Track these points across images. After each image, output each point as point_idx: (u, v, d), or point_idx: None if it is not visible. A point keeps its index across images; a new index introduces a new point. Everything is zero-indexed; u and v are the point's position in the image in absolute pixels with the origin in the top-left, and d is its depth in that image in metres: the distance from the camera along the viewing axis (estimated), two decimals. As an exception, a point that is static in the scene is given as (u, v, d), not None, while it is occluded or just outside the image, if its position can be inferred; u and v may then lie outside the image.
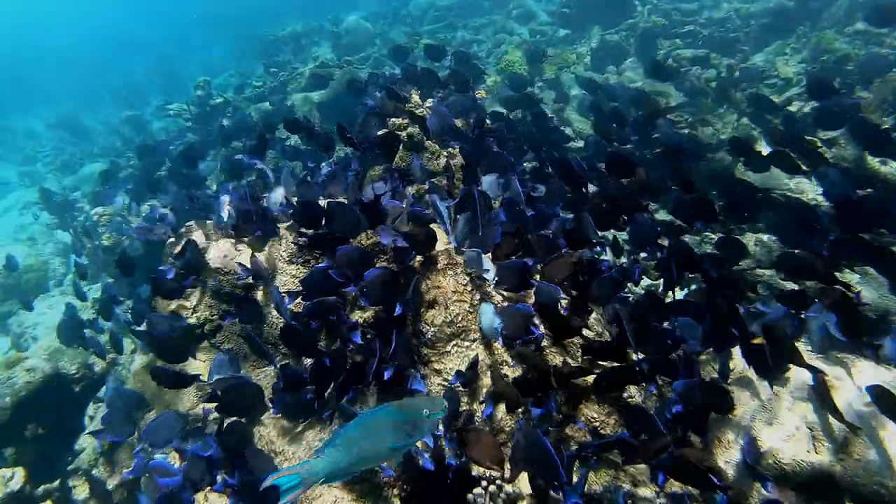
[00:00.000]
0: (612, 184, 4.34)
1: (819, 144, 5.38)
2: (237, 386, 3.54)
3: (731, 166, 6.71)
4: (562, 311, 3.56)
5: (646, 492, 3.20)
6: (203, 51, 23.97)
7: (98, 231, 7.03)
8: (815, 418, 3.16)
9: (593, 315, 3.83)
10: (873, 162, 6.17)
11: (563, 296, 3.57)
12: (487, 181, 4.42)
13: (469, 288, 3.67)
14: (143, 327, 4.06)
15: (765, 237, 5.42)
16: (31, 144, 16.33)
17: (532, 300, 3.63)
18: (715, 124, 7.99)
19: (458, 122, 5.15)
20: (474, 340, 3.59)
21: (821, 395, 3.14)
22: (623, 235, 4.44)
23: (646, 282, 5.18)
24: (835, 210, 4.24)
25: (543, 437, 2.70)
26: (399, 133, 4.78)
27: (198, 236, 4.33)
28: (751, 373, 3.51)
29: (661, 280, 4.08)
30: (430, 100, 5.16)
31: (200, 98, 10.47)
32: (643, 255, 4.39)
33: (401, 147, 4.70)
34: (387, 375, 3.39)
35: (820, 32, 9.09)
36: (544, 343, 3.55)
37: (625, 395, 3.49)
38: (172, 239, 4.29)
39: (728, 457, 3.25)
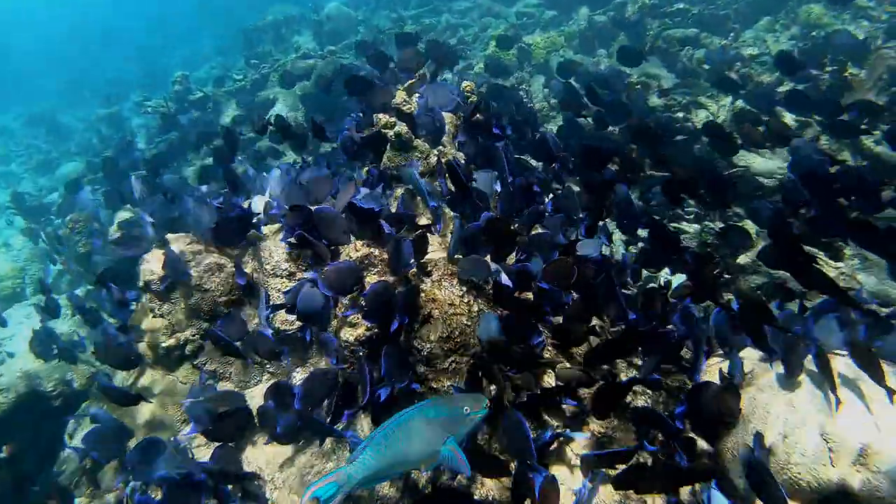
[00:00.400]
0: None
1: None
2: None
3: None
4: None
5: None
6: (186, 42, 23.38)
7: (72, 238, 6.74)
8: (832, 429, 2.99)
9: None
10: (868, 142, 6.02)
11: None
12: (483, 178, 4.20)
13: (466, 300, 3.46)
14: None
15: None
16: (4, 143, 15.86)
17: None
18: (709, 107, 7.80)
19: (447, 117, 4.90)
20: (474, 355, 3.39)
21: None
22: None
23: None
24: (804, 184, 4.13)
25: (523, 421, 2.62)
26: (386, 132, 4.53)
27: (179, 247, 4.07)
28: (764, 377, 3.37)
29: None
30: (416, 95, 4.90)
31: (178, 94, 10.12)
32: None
33: (388, 147, 4.46)
34: (383, 396, 3.20)
35: (807, 6, 8.88)
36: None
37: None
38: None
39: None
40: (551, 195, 4.33)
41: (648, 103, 7.34)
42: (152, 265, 3.89)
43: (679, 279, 4.36)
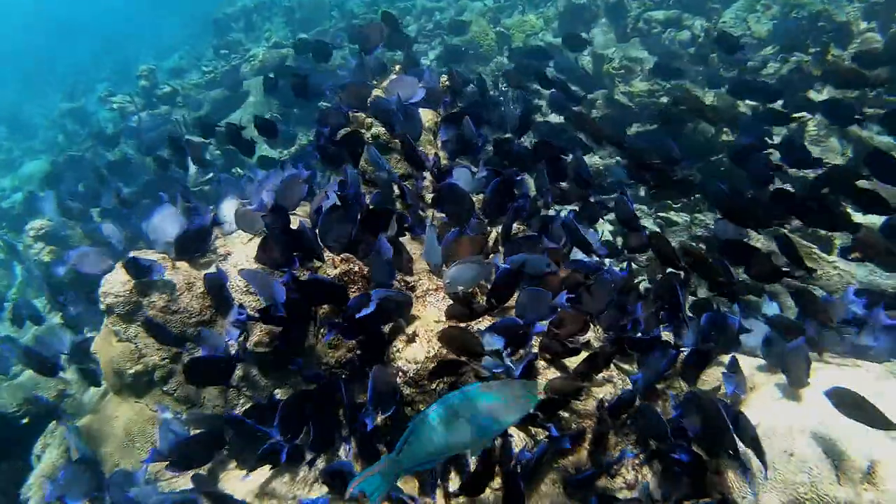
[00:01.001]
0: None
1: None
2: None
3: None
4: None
5: None
6: (154, 30, 22.56)
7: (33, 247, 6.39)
8: (840, 446, 2.84)
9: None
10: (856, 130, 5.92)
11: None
12: (463, 175, 3.99)
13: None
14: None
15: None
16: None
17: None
18: (695, 91, 7.63)
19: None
20: (462, 374, 3.19)
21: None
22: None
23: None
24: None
25: None
26: (362, 132, 4.28)
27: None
28: (766, 388, 3.23)
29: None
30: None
31: (145, 89, 9.69)
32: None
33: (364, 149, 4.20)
34: (369, 426, 3.00)
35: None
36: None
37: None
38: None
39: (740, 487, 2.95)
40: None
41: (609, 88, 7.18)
42: (115, 286, 3.62)
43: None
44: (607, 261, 4.04)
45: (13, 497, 4.78)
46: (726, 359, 3.29)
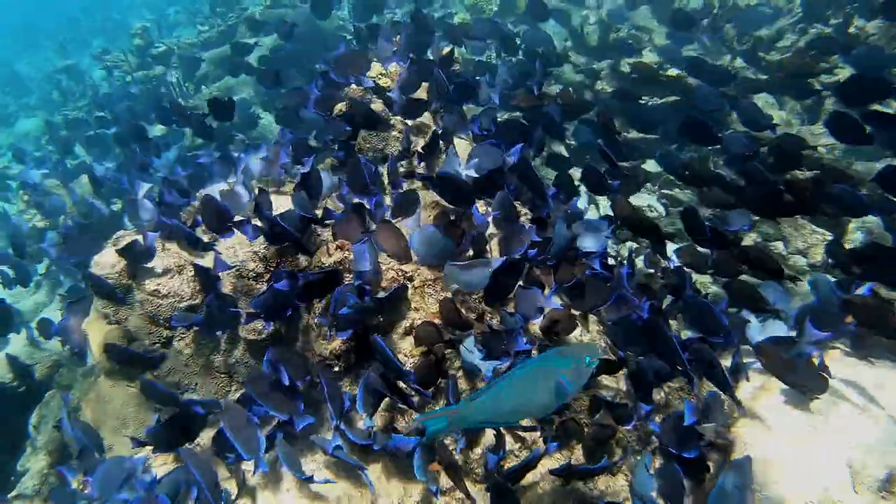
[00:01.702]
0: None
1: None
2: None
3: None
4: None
5: None
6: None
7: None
8: (854, 453, 2.77)
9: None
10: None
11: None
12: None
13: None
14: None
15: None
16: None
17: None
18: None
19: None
20: (459, 368, 3.11)
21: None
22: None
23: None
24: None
25: None
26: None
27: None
28: (775, 394, 3.15)
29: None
30: (393, 64, 4.43)
31: (140, 48, 9.38)
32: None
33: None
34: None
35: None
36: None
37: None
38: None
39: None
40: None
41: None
42: (104, 267, 3.50)
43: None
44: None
45: (10, 468, 4.79)
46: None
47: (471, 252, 3.34)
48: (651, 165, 6.27)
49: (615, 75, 7.18)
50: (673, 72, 6.51)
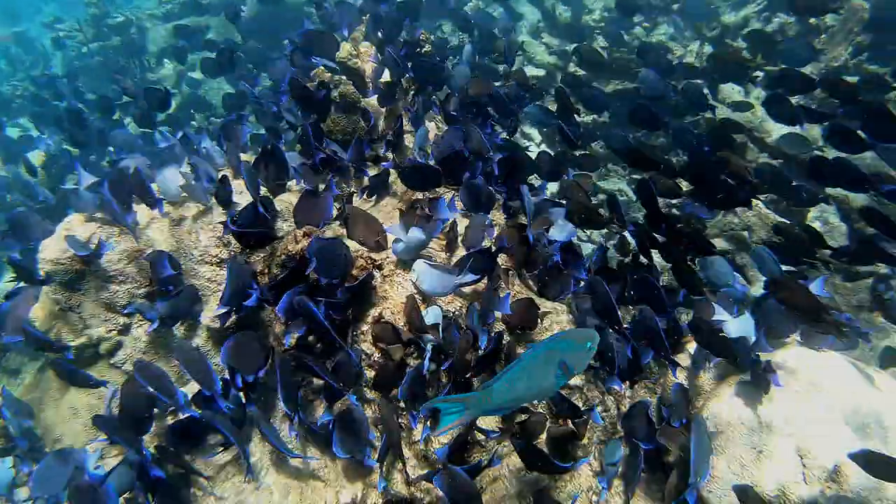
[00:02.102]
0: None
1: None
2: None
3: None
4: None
5: None
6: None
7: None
8: (807, 444, 2.83)
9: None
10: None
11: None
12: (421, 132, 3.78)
13: (422, 298, 3.09)
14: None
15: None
16: None
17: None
18: (675, 52, 7.41)
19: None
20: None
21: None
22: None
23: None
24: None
25: None
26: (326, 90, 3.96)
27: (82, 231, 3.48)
28: (735, 384, 3.19)
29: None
30: (365, 44, 4.29)
31: (95, 17, 8.93)
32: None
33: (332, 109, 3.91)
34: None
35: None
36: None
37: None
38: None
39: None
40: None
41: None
42: (54, 252, 3.33)
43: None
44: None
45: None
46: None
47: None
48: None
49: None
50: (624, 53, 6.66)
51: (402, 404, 2.93)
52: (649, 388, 3.44)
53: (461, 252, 3.29)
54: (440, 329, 2.92)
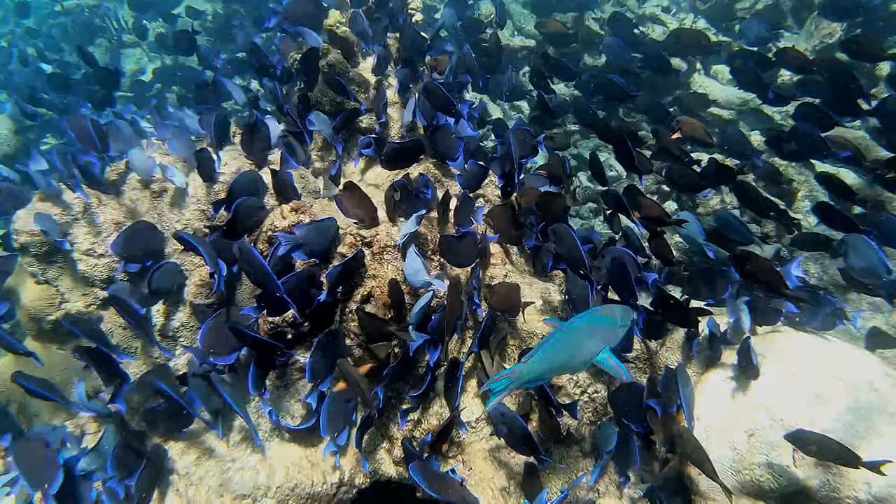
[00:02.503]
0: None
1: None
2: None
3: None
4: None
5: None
6: None
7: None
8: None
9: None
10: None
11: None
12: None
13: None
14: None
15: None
16: None
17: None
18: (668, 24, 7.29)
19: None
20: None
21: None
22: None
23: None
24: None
25: None
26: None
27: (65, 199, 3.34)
28: (727, 368, 3.20)
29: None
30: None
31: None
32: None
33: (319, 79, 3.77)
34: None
35: None
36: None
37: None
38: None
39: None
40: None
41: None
42: (27, 222, 3.19)
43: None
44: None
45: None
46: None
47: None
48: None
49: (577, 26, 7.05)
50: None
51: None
52: (639, 369, 3.44)
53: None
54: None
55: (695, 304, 3.44)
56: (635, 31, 5.68)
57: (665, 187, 5.08)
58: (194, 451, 3.01)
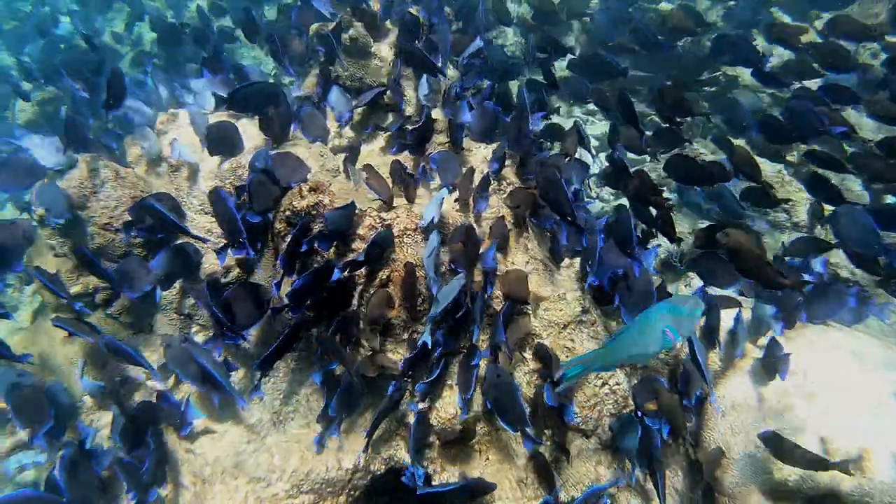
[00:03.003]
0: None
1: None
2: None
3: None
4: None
5: None
6: None
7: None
8: (830, 431, 2.74)
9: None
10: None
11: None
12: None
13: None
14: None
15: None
16: None
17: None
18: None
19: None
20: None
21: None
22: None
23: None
24: None
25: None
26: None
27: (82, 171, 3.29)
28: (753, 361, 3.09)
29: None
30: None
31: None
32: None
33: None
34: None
35: None
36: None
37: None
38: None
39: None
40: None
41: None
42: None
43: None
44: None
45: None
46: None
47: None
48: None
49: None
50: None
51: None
52: (661, 360, 3.34)
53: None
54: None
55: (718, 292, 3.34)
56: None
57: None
58: (208, 430, 3.00)
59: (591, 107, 6.04)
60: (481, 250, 2.95)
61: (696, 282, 4.07)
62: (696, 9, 4.97)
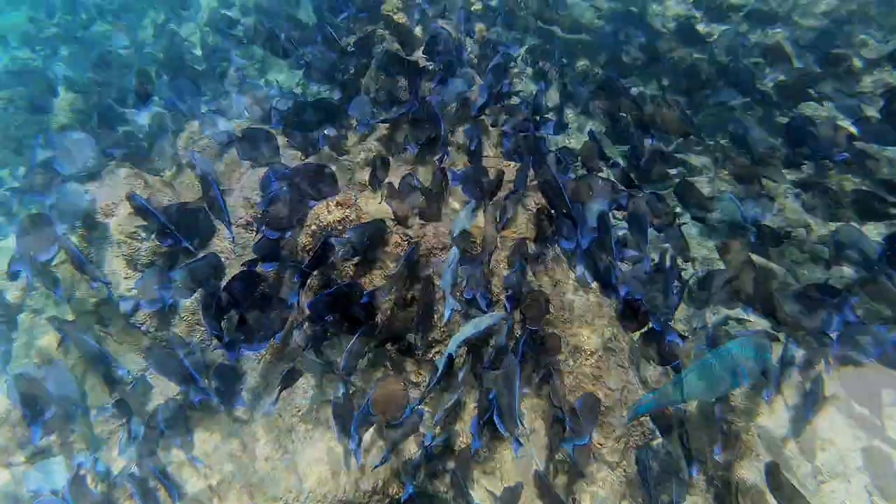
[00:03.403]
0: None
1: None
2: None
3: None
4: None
5: None
6: None
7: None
8: (879, 482, 2.61)
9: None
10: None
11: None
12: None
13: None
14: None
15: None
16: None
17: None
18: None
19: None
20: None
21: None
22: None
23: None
24: None
25: None
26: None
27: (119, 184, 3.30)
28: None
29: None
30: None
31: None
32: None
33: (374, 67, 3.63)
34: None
35: None
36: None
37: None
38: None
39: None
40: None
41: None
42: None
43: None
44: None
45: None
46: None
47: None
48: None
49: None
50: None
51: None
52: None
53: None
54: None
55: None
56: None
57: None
58: (218, 438, 2.95)
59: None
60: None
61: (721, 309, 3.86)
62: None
